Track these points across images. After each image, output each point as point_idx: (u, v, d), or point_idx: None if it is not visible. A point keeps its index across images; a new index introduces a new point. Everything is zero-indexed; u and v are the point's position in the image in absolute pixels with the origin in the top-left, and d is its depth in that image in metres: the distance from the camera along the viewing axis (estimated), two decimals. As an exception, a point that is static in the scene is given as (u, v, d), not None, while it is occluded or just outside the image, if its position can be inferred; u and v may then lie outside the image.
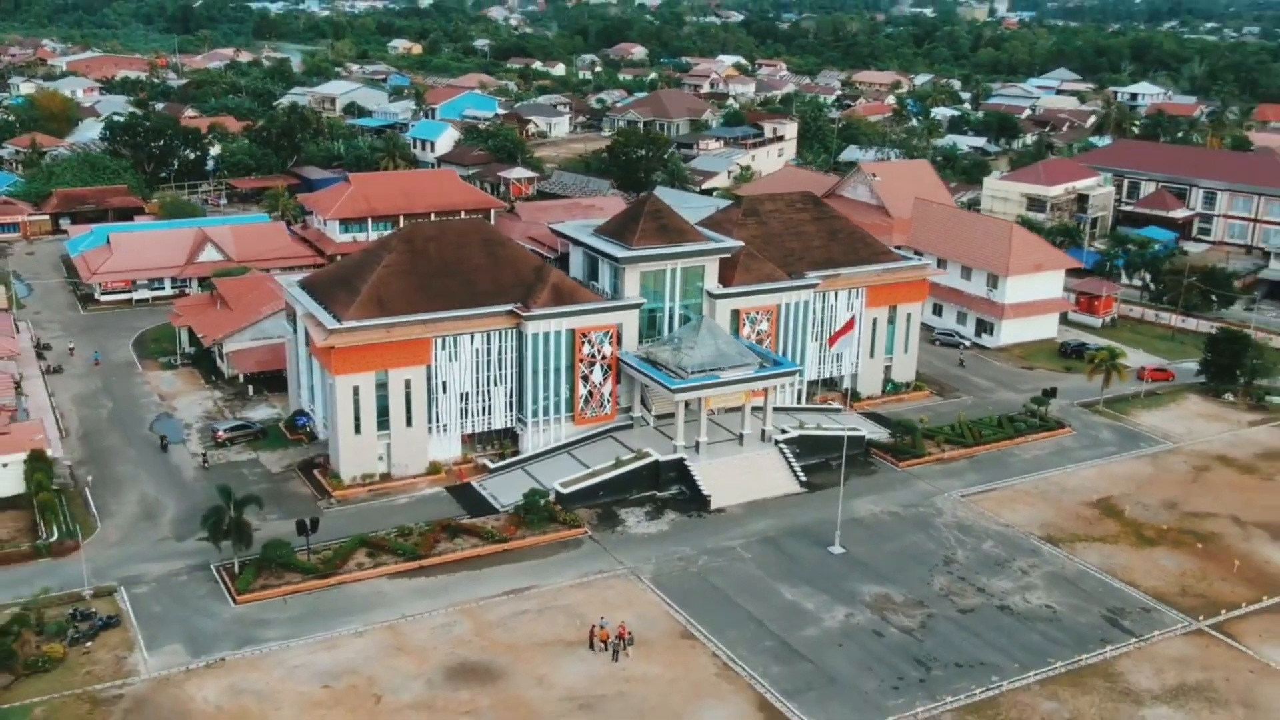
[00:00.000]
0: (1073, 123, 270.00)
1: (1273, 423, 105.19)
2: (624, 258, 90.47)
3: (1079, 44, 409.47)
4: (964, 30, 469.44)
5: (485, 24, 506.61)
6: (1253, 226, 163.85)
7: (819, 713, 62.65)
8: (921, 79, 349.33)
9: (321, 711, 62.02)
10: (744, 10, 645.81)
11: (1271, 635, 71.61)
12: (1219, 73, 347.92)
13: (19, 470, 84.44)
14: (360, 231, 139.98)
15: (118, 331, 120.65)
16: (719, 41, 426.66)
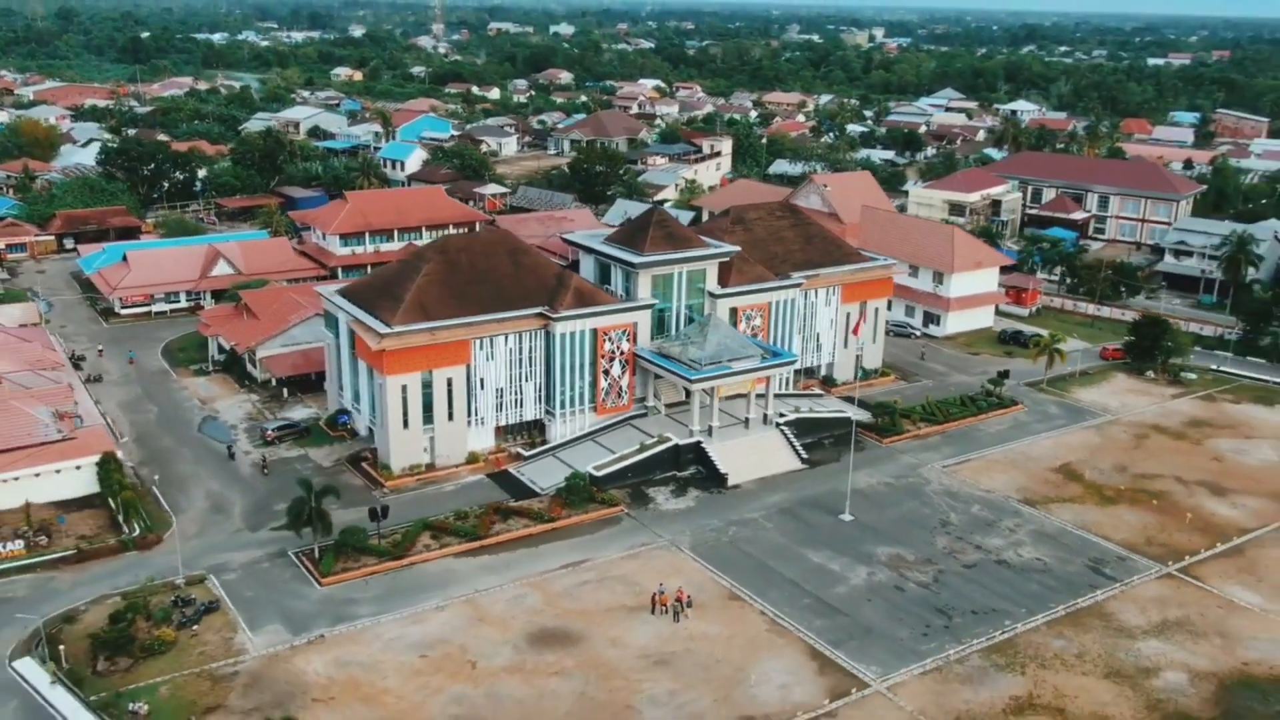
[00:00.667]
0: (965, 137, 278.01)
1: (1190, 395, 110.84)
2: (639, 263, 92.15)
3: (959, 66, 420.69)
4: (854, 55, 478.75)
5: (417, 52, 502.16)
6: (1140, 226, 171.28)
7: (864, 659, 65.23)
8: (824, 99, 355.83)
9: (424, 678, 62.78)
10: (651, 38, 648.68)
11: (1229, 576, 76.13)
12: (1082, 91, 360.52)
13: (91, 472, 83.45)
14: (359, 245, 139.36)
15: (144, 342, 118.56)
16: (637, 66, 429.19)
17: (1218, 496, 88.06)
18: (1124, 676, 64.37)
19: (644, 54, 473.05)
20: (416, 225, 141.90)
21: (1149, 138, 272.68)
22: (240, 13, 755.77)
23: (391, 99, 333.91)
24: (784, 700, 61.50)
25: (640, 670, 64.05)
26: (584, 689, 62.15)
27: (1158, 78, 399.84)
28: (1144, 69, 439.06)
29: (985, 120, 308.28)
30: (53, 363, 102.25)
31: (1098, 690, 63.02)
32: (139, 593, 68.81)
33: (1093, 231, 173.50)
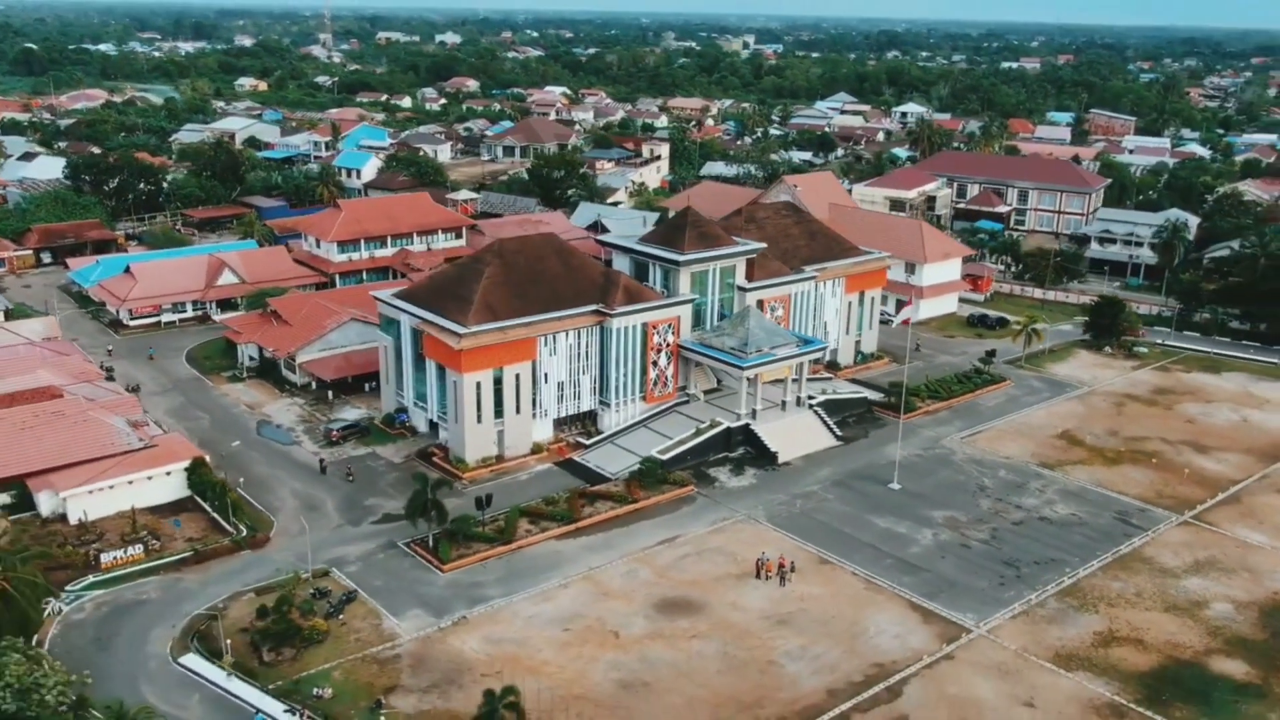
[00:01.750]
0: (868, 138, 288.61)
1: (1148, 366, 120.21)
2: (682, 261, 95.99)
3: (844, 72, 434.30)
4: (742, 61, 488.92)
5: (313, 61, 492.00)
6: (1057, 217, 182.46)
7: (959, 608, 70.65)
8: (724, 103, 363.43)
9: (575, 649, 65.60)
10: (537, 46, 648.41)
11: (1235, 520, 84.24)
12: (960, 93, 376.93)
13: (180, 478, 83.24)
14: (354, 251, 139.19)
15: (163, 351, 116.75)
16: (538, 74, 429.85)
17: (1202, 453, 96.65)
18: (1181, 609, 71.34)
19: (544, 61, 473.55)
20: (408, 231, 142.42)
21: (1032, 136, 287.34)
22: (116, 23, 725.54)
23: (304, 108, 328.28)
24: (903, 647, 66.44)
25: (767, 630, 68.11)
26: (724, 649, 65.93)
27: (1023, 80, 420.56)
28: (1010, 72, 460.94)
29: (882, 122, 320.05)
30: (94, 375, 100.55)
31: (1163, 622, 69.79)
32: (285, 585, 69.60)
33: (1014, 223, 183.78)
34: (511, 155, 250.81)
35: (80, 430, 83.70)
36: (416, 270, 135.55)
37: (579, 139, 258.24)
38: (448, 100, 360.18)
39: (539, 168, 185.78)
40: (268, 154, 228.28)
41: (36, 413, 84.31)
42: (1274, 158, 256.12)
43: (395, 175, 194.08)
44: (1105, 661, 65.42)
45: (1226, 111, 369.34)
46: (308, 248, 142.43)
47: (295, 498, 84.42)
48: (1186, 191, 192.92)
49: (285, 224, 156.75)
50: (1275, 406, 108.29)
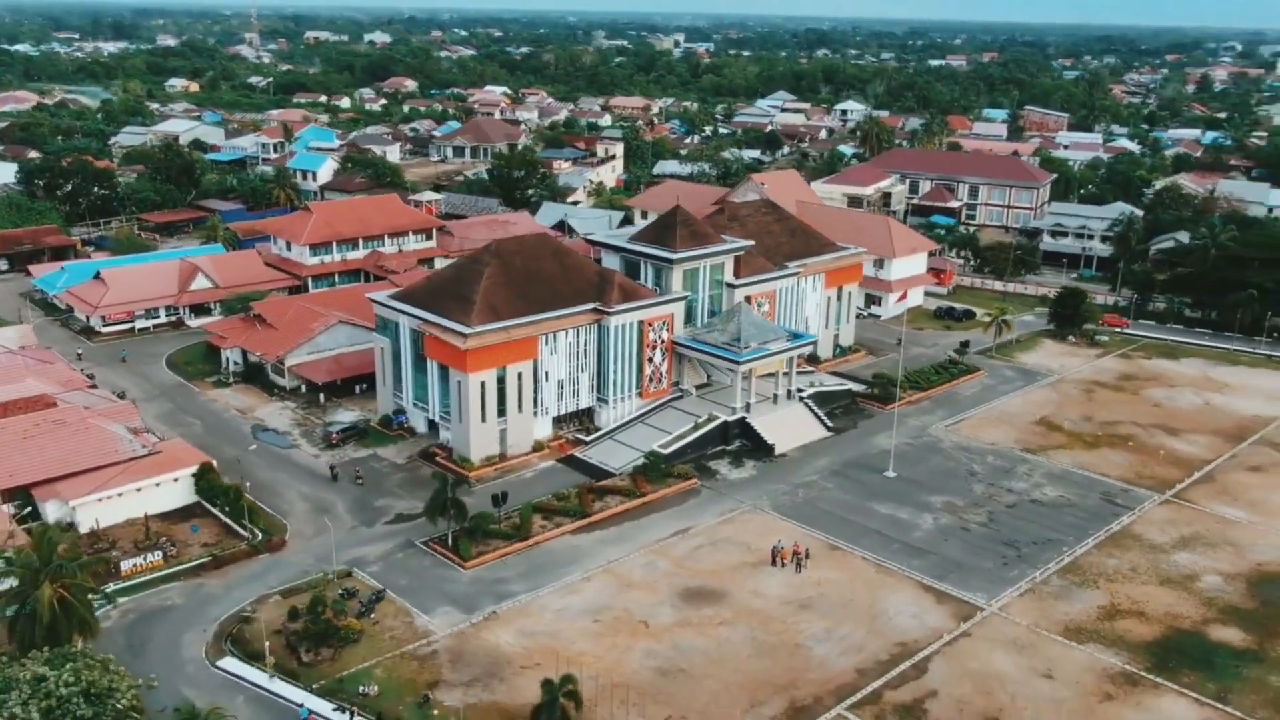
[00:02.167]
0: (811, 135, 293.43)
1: (1111, 354, 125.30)
2: (675, 259, 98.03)
3: (780, 70, 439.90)
4: (679, 60, 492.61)
5: (243, 62, 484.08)
6: (1006, 211, 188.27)
7: (969, 588, 73.75)
8: (664, 102, 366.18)
9: (609, 639, 67.27)
10: (467, 45, 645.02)
11: (1212, 498, 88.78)
12: (895, 91, 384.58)
13: (188, 483, 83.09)
14: (326, 254, 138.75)
15: (141, 357, 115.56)
16: (476, 73, 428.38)
17: (1173, 435, 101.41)
18: (1174, 583, 75.32)
19: (481, 61, 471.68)
20: (380, 233, 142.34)
21: (970, 133, 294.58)
22: (29, 23, 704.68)
23: (242, 109, 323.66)
24: (923, 626, 69.29)
25: (790, 614, 70.48)
26: (752, 635, 68.13)
27: (955, 78, 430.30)
28: (941, 70, 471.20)
29: (823, 119, 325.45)
30: (80, 382, 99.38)
31: (1160, 595, 73.65)
32: (315, 586, 70.13)
33: (965, 218, 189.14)
34: (461, 156, 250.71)
35: (83, 438, 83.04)
36: (391, 272, 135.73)
37: (528, 139, 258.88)
38: (388, 100, 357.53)
39: (500, 168, 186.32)
40: (214, 157, 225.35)
41: (37, 421, 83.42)
42: (1200, 152, 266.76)
43: (352, 177, 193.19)
44: (1112, 633, 68.96)
45: (1149, 107, 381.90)
46: (277, 251, 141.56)
47: (304, 501, 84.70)
48: (1126, 185, 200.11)
49: (249, 227, 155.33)
50: (1234, 390, 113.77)
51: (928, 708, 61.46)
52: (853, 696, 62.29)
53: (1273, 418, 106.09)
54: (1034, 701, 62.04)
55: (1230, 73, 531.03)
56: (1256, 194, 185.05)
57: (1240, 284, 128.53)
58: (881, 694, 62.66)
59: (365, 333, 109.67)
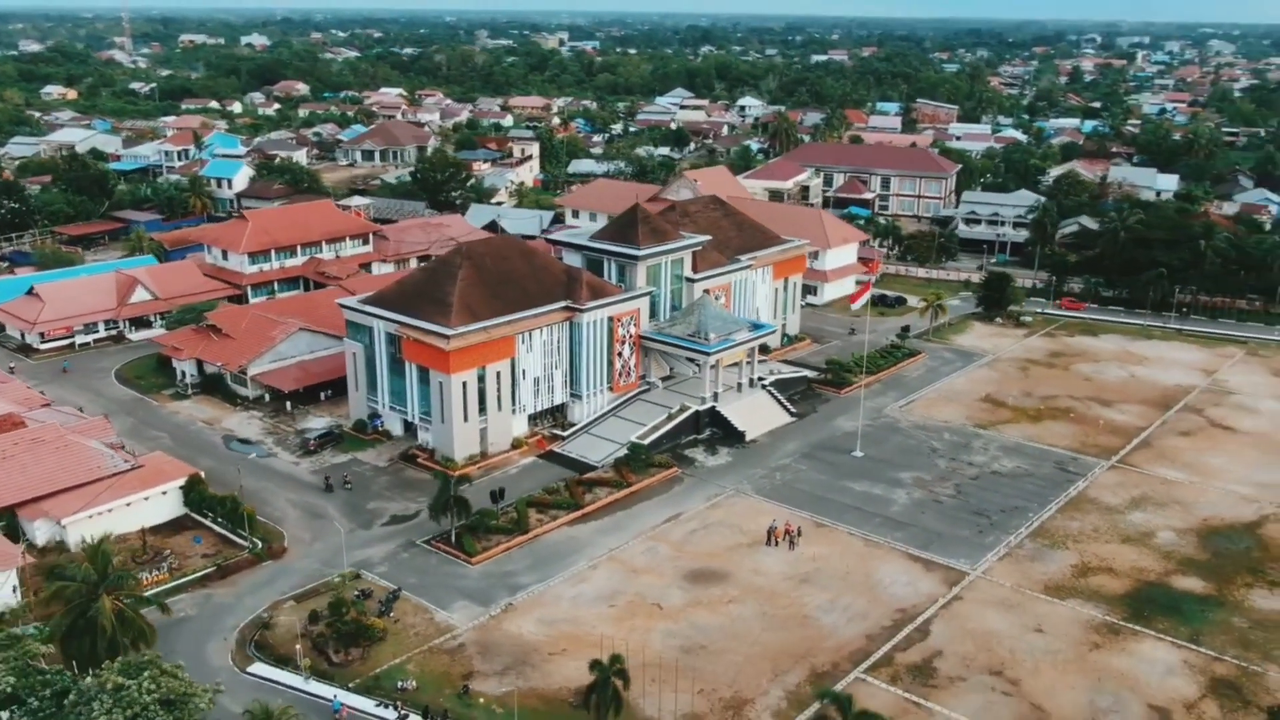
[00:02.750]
0: (715, 132, 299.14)
1: (1036, 334, 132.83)
2: (640, 255, 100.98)
3: (674, 67, 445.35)
4: (571, 59, 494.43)
5: (119, 67, 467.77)
6: (917, 201, 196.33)
7: (951, 555, 78.64)
8: (561, 101, 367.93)
9: (626, 623, 69.95)
10: (349, 47, 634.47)
11: (1153, 461, 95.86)
12: (788, 86, 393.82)
13: (176, 496, 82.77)
14: (265, 262, 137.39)
15: (87, 374, 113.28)
16: (369, 75, 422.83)
17: (1107, 407, 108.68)
18: (1134, 540, 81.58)
19: (372, 62, 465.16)
20: (317, 240, 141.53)
21: (866, 126, 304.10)
22: None
23: (128, 116, 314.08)
24: (917, 593, 73.84)
25: (793, 589, 74.26)
26: (761, 610, 71.65)
27: (843, 72, 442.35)
28: (830, 65, 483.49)
29: (723, 116, 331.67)
30: (38, 400, 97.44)
31: (1124, 552, 79.77)
32: (335, 588, 71.00)
33: (879, 208, 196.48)
34: (371, 159, 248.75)
35: (64, 456, 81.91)
36: (333, 278, 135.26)
37: (437, 141, 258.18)
38: (281, 105, 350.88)
39: (424, 171, 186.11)
40: (115, 166, 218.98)
41: (15, 440, 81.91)
42: (1082, 140, 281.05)
43: (270, 184, 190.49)
44: (1088, 589, 74.61)
45: (1026, 98, 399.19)
46: (212, 260, 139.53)
47: (295, 508, 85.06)
48: (1024, 173, 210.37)
49: (176, 237, 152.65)
50: (1154, 363, 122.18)
51: (937, 666, 65.88)
52: (866, 661, 66.32)
53: (1192, 386, 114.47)
54: (1031, 654, 67.02)
55: (1096, 64, 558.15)
56: (1145, 179, 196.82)
57: (1148, 264, 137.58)
58: (892, 657, 66.86)
59: (325, 339, 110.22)
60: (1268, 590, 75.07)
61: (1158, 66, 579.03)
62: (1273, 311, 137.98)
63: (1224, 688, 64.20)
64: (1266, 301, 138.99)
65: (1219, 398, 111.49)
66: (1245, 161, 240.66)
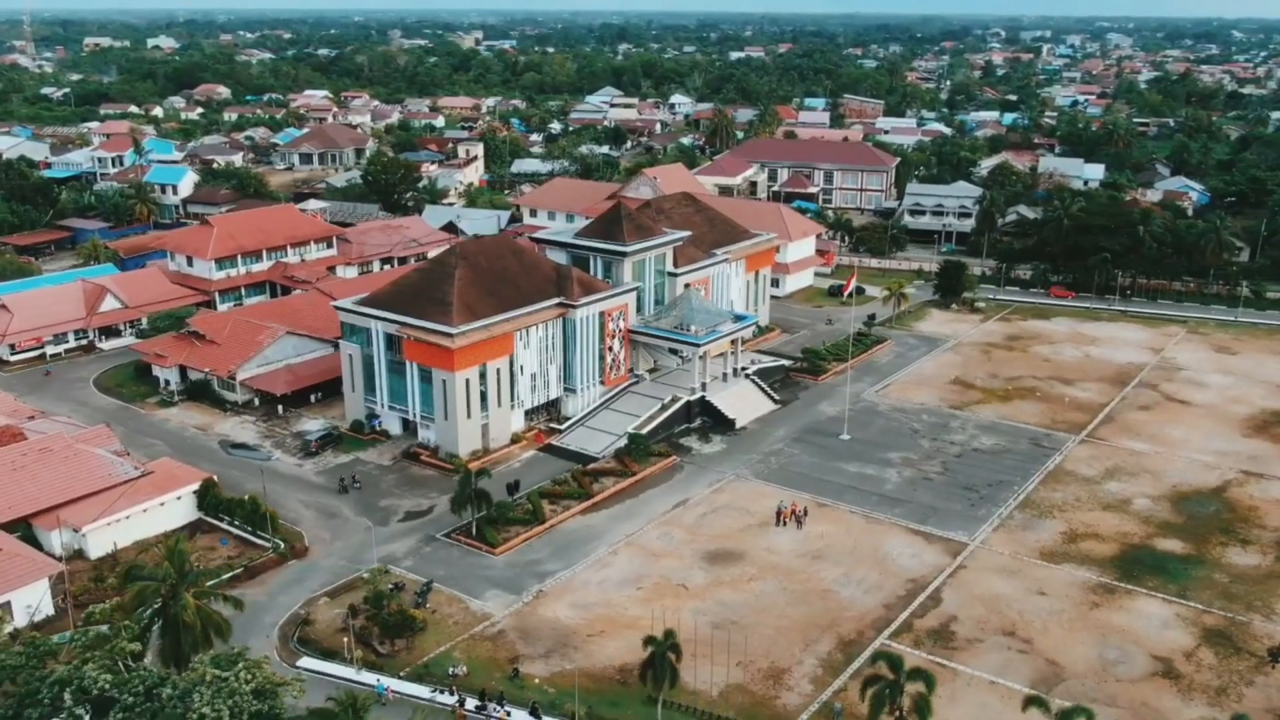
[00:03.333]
0: (649, 130, 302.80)
1: (992, 319, 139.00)
2: (628, 251, 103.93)
3: (599, 66, 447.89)
4: (494, 58, 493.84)
5: (24, 72, 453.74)
6: (860, 194, 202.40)
7: (949, 528, 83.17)
8: (490, 101, 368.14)
9: (656, 603, 72.75)
10: (261, 49, 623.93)
11: (1118, 435, 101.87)
12: (713, 83, 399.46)
13: (190, 500, 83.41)
14: (231, 268, 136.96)
15: (65, 384, 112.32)
16: (290, 78, 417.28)
17: (1069, 385, 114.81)
18: (1114, 507, 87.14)
19: (293, 64, 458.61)
20: (282, 244, 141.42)
21: (796, 122, 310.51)
22: None
23: (44, 123, 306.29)
24: (924, 564, 78.16)
25: (807, 565, 78.02)
26: (782, 586, 75.25)
27: (765, 69, 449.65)
28: (752, 61, 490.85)
29: (654, 113, 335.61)
30: (26, 411, 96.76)
31: (1107, 519, 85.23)
32: (372, 582, 72.54)
33: (823, 202, 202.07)
34: (310, 163, 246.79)
35: (75, 465, 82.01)
36: (302, 282, 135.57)
37: (375, 144, 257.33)
38: (204, 109, 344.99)
39: (376, 174, 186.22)
40: (47, 174, 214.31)
41: (24, 451, 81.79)
42: (1005, 132, 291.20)
43: (216, 189, 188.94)
44: (1080, 554, 79.76)
45: (943, 92, 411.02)
46: (175, 267, 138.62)
47: (307, 508, 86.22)
48: (956, 166, 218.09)
49: (133, 245, 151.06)
50: (1105, 343, 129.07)
51: (954, 630, 70.17)
52: (888, 628, 70.31)
53: (1143, 364, 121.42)
54: (1038, 615, 71.72)
55: (1005, 58, 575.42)
56: (1074, 169, 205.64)
57: (1091, 249, 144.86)
58: (911, 623, 70.95)
59: (310, 342, 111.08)
60: (1240, 548, 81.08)
61: (1063, 60, 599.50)
62: (1206, 292, 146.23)
63: (1216, 637, 69.62)
64: (1200, 283, 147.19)
65: (1170, 374, 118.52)
66: (1160, 150, 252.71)
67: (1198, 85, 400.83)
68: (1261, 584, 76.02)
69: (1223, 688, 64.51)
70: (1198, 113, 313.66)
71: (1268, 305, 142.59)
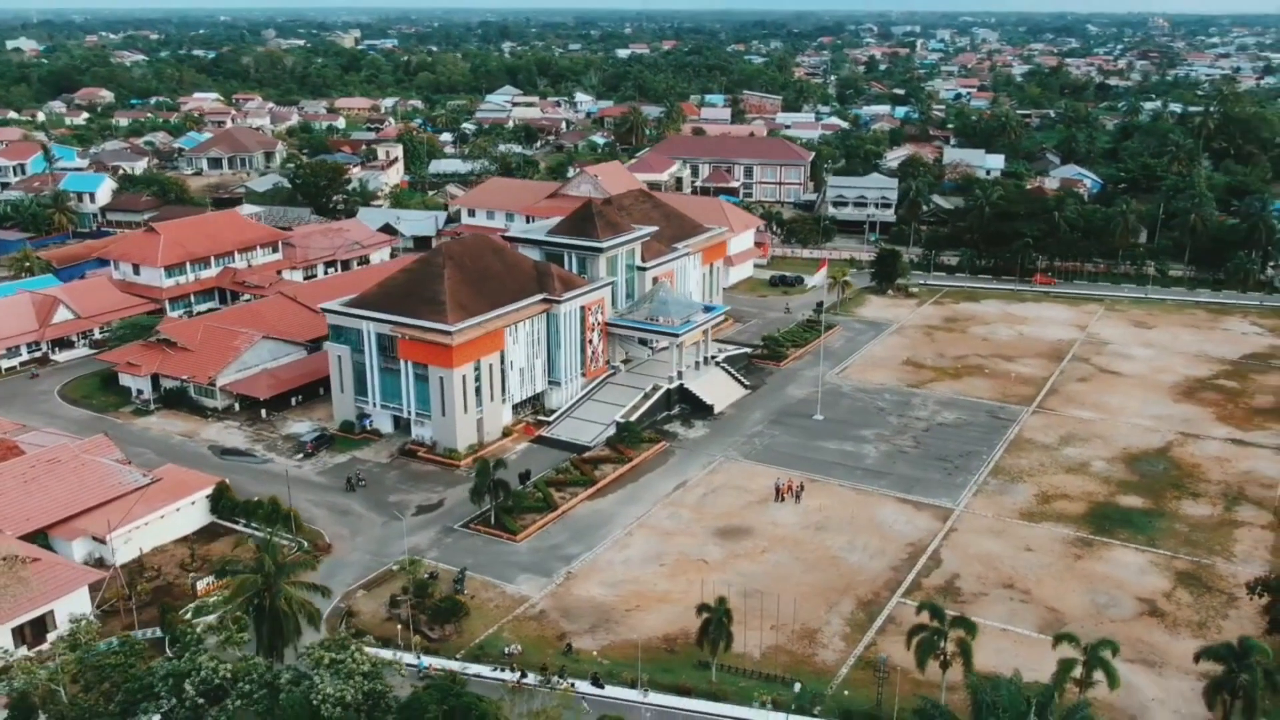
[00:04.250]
0: (556, 128, 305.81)
1: (926, 303, 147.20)
2: (604, 247, 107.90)
3: (493, 65, 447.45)
4: (384, 58, 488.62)
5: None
6: (779, 188, 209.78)
7: (933, 496, 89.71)
8: (389, 101, 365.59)
9: (682, 578, 77.22)
10: (131, 50, 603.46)
11: (1064, 405, 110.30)
12: (609, 81, 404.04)
13: (203, 505, 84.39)
14: (181, 275, 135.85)
15: (29, 398, 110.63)
16: (175, 80, 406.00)
17: (1011, 362, 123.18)
18: (1075, 470, 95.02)
19: (178, 66, 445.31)
20: (230, 250, 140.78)
21: (698, 118, 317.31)
22: None
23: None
24: (918, 529, 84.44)
25: (811, 536, 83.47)
26: (793, 556, 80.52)
27: (657, 66, 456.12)
28: (644, 59, 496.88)
29: (556, 112, 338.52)
30: (11, 425, 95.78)
31: (1071, 480, 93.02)
32: (412, 572, 75.02)
33: (744, 195, 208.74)
34: (218, 168, 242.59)
35: (84, 475, 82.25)
36: (254, 288, 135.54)
37: (285, 147, 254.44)
38: (90, 114, 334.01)
39: (305, 177, 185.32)
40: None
41: (33, 464, 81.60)
42: (899, 125, 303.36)
43: (136, 196, 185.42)
44: (1055, 513, 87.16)
45: (829, 86, 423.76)
46: (120, 275, 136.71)
47: (318, 508, 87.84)
48: (864, 159, 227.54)
49: (65, 254, 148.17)
50: (1035, 321, 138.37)
51: (959, 586, 76.44)
52: (900, 589, 76.17)
53: (1073, 340, 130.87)
54: (1031, 569, 78.57)
55: (884, 52, 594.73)
56: (977, 159, 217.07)
57: (1012, 235, 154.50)
58: (919, 582, 76.97)
59: (285, 346, 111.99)
60: (1192, 500, 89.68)
61: (936, 54, 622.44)
62: (1116, 272, 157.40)
63: (1188, 578, 77.52)
64: (1109, 264, 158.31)
65: (1098, 348, 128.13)
66: (1048, 140, 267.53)
67: (1069, 78, 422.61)
68: (1216, 531, 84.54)
69: (1202, 621, 72.25)
70: (1075, 104, 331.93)
71: (1172, 283, 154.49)
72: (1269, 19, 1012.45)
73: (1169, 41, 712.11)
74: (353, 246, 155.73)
